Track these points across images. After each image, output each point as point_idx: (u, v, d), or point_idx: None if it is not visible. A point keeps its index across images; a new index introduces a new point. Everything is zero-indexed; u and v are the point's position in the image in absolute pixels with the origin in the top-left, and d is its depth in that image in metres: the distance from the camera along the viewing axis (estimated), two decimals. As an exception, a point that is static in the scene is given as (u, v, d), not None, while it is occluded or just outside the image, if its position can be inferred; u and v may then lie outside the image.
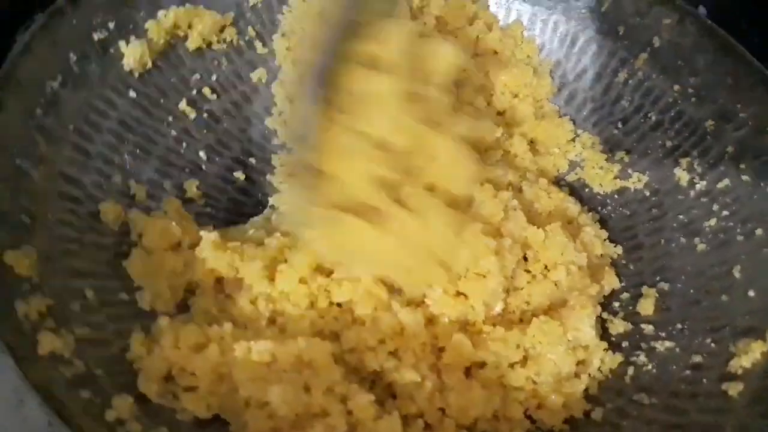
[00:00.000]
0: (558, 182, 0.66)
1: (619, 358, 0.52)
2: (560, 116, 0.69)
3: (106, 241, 0.52)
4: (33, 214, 0.47)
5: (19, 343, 0.38)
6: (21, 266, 0.43)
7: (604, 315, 0.56)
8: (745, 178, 0.56)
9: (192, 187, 0.60)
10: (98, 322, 0.46)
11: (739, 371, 0.47)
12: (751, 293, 0.51)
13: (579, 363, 0.50)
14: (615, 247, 0.60)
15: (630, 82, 0.67)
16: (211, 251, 0.51)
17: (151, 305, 0.50)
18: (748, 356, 0.47)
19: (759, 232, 0.53)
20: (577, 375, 0.51)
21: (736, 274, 0.53)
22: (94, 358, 0.43)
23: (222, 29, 0.65)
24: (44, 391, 0.36)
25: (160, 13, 0.60)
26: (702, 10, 0.71)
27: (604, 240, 0.60)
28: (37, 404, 0.45)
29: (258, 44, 0.68)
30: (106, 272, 0.50)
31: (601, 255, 0.58)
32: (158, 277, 0.51)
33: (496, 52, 0.70)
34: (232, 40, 0.66)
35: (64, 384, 0.39)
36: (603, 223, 0.63)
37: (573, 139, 0.68)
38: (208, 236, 0.51)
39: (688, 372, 0.49)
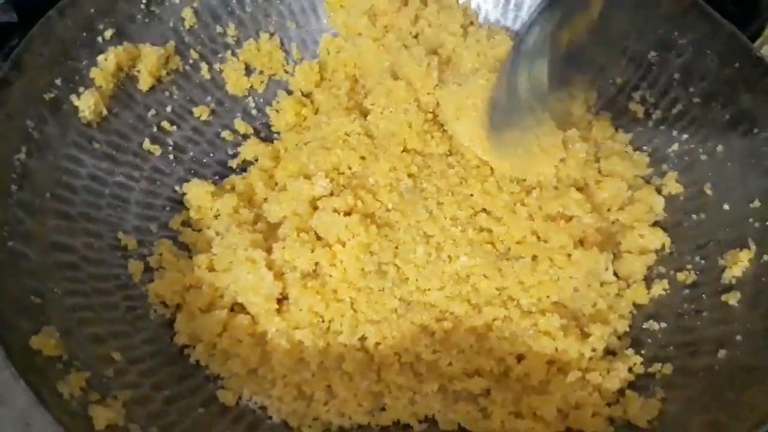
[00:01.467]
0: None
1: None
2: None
3: (113, 299, 0.52)
4: (40, 292, 0.46)
5: (76, 425, 0.39)
6: (48, 348, 0.43)
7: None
8: (695, 100, 0.60)
9: (177, 224, 0.60)
10: (134, 381, 0.46)
11: (734, 281, 0.51)
12: (726, 206, 0.55)
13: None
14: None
15: (570, 28, 0.69)
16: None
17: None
18: (738, 266, 0.51)
19: (719, 148, 0.57)
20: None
21: (708, 191, 0.57)
22: (145, 418, 0.43)
23: (167, 60, 0.64)
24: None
25: (101, 58, 0.59)
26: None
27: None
28: (43, 427, 0.46)
29: (203, 65, 0.67)
30: (124, 330, 0.50)
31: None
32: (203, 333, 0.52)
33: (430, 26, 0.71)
34: (177, 68, 0.66)
35: (129, 452, 0.40)
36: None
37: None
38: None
39: (686, 291, 0.53)
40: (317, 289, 0.52)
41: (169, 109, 0.64)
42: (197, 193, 0.61)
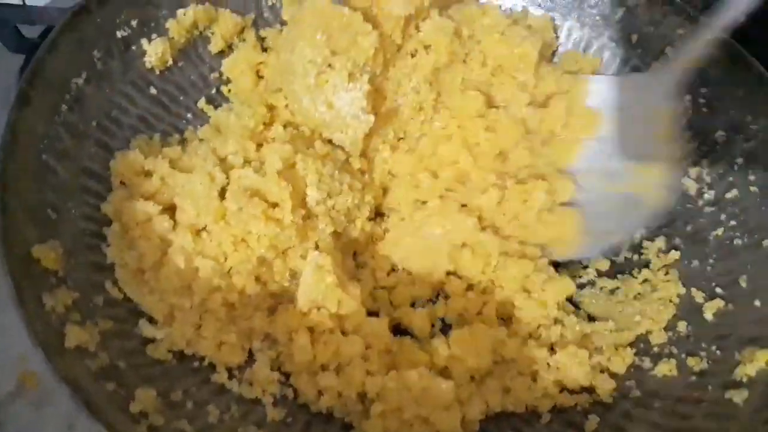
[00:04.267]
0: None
1: (628, 359, 0.53)
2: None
3: (126, 235, 0.53)
4: (58, 208, 0.48)
5: (47, 336, 0.39)
6: (48, 260, 0.44)
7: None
8: (753, 189, 0.57)
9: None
10: (120, 315, 0.47)
11: (744, 379, 0.48)
12: (757, 303, 0.52)
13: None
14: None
15: (642, 90, 0.67)
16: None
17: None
18: (753, 365, 0.48)
19: (766, 243, 0.54)
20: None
21: (743, 283, 0.54)
22: (117, 351, 0.44)
23: (242, 30, 0.66)
24: (72, 384, 0.37)
25: (180, 12, 0.61)
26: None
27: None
28: (86, 429, 0.48)
29: (275, 44, 0.69)
30: (126, 267, 0.51)
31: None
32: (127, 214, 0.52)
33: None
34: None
35: (91, 376, 0.40)
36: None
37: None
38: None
39: (693, 378, 0.50)
40: (233, 232, 0.50)
41: (232, 75, 0.66)
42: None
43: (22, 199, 0.45)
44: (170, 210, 0.52)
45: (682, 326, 0.54)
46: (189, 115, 0.62)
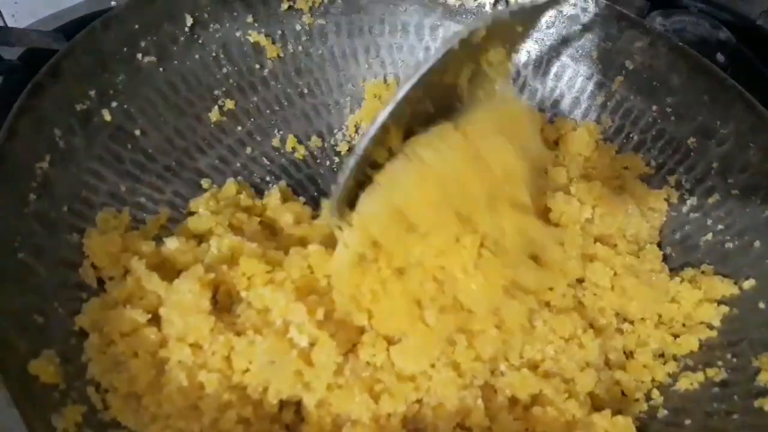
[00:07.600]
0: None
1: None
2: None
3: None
4: (43, 311, 0.43)
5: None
6: (46, 374, 0.39)
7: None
8: (734, 192, 0.59)
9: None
10: (131, 419, 0.43)
11: (768, 385, 0.48)
12: (762, 305, 0.53)
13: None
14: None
15: (608, 104, 0.69)
16: None
17: None
18: (772, 371, 0.49)
19: (757, 244, 0.55)
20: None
21: (743, 286, 0.55)
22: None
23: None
24: None
25: (138, 76, 0.58)
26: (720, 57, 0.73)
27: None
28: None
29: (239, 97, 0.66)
30: (124, 360, 0.47)
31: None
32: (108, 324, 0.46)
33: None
34: (211, 95, 0.64)
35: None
36: (603, 245, 0.64)
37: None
38: None
39: (716, 389, 0.51)
40: (233, 339, 0.45)
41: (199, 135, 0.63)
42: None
43: (6, 309, 0.40)
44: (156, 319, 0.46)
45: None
46: (160, 183, 0.59)
